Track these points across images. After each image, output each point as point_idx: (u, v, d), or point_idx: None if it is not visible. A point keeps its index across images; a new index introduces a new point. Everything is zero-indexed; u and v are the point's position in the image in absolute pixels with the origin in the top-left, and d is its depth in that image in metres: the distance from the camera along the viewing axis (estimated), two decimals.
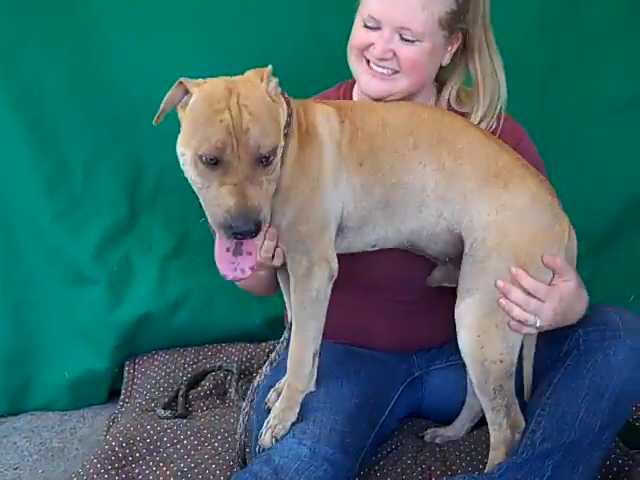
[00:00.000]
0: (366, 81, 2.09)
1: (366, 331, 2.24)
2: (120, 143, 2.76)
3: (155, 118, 1.74)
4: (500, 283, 1.86)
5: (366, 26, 2.03)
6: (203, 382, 2.67)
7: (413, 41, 2.01)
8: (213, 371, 2.73)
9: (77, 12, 2.67)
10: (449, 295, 1.97)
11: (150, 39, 2.70)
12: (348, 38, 2.10)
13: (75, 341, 2.82)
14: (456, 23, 2.05)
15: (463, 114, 2.12)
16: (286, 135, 1.77)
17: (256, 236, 1.65)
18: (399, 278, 2.15)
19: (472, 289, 1.89)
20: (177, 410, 2.48)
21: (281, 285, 2.09)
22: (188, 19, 2.69)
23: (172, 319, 2.85)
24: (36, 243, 2.78)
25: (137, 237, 2.86)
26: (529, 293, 1.87)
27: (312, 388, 1.97)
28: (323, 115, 1.90)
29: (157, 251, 2.86)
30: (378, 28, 2.02)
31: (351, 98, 2.23)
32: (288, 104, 1.82)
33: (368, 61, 2.07)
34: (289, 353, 1.95)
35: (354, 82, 2.23)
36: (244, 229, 1.61)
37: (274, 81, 1.76)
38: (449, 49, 2.11)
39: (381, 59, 2.03)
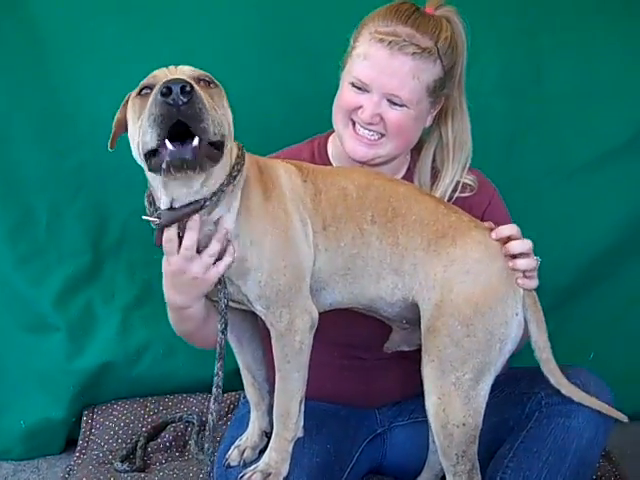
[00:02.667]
0: (352, 146, 2.11)
1: (329, 387, 2.23)
2: (85, 191, 2.76)
3: (109, 142, 1.79)
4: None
5: (354, 87, 2.06)
6: (163, 434, 2.65)
7: (401, 106, 2.04)
8: (173, 422, 2.71)
9: (45, 59, 2.68)
10: (412, 352, 1.97)
11: (118, 89, 2.68)
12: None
13: (33, 389, 2.78)
14: (442, 89, 2.10)
15: (436, 172, 2.17)
16: (235, 177, 1.75)
17: (191, 98, 1.54)
18: (362, 335, 2.15)
19: (426, 350, 1.87)
20: (135, 463, 2.45)
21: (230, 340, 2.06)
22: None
23: (133, 368, 2.82)
24: None
25: (100, 285, 2.84)
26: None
27: (300, 434, 1.96)
28: (285, 170, 1.90)
29: (120, 300, 2.85)
30: (367, 91, 2.04)
31: (326, 153, 2.25)
32: (241, 148, 1.82)
33: (354, 123, 2.09)
34: (274, 405, 1.92)
35: (327, 136, 2.26)
36: (171, 83, 1.53)
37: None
38: (432, 112, 2.15)
39: (369, 123, 2.06)
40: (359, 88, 2.05)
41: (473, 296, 1.84)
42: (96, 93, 2.70)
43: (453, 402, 1.83)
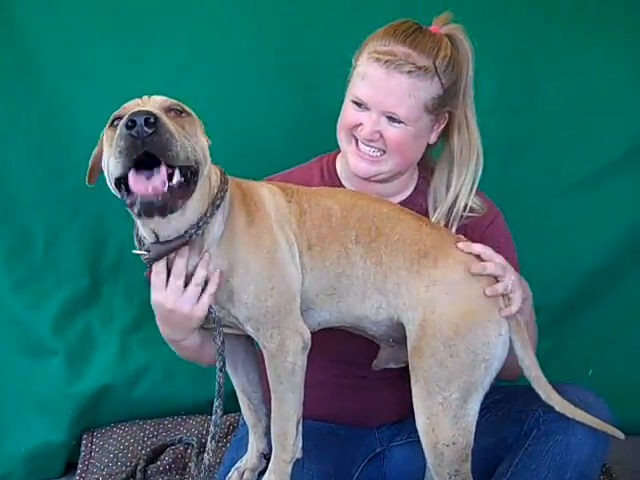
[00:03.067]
0: (355, 162, 2.13)
1: (327, 407, 2.24)
2: (82, 214, 2.78)
3: (87, 178, 1.84)
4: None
5: (355, 104, 2.09)
6: (162, 456, 2.64)
7: (399, 122, 2.06)
8: (173, 444, 2.71)
9: (41, 81, 2.71)
10: (408, 370, 1.96)
11: (114, 111, 2.71)
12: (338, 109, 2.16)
13: (32, 413, 2.77)
14: (442, 106, 2.11)
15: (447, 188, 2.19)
16: (218, 206, 1.78)
17: (155, 130, 1.55)
18: (358, 352, 2.14)
19: (413, 370, 1.88)
20: None
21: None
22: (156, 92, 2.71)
23: (132, 391, 2.83)
24: None
25: (98, 309, 2.86)
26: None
27: (299, 454, 1.95)
28: (269, 191, 1.92)
29: (118, 323, 2.86)
30: (366, 108, 2.07)
31: (335, 170, 2.27)
32: (222, 174, 1.84)
33: (357, 140, 2.12)
34: (272, 427, 1.92)
35: (335, 155, 2.29)
36: (135, 116, 1.54)
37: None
38: (435, 128, 2.16)
39: (369, 140, 2.08)
40: (359, 105, 2.08)
41: (454, 317, 1.84)
42: (92, 115, 2.62)
43: (442, 422, 1.83)
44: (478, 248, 1.93)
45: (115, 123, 1.68)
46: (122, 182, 1.65)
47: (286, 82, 2.77)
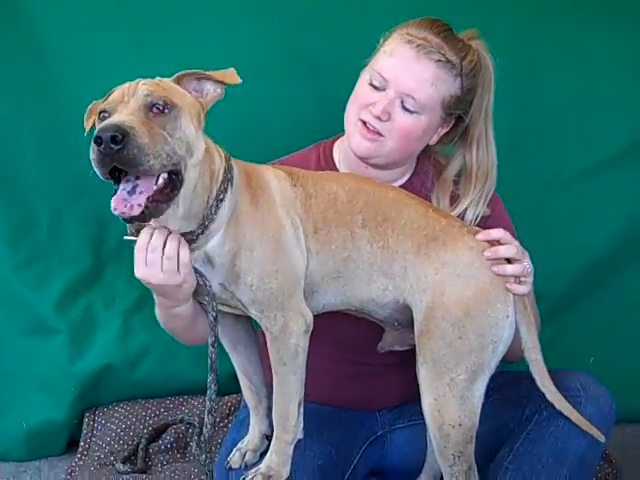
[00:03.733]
0: (357, 141, 2.13)
1: (329, 392, 2.26)
2: (86, 196, 2.77)
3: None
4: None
5: (372, 84, 2.08)
6: (164, 435, 2.66)
7: (412, 112, 2.07)
8: (175, 424, 2.72)
9: (50, 67, 2.71)
10: (411, 355, 1.98)
11: None
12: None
13: (34, 391, 2.79)
14: (455, 108, 2.13)
15: (455, 196, 2.20)
16: (225, 190, 1.79)
17: (122, 147, 1.54)
18: (360, 337, 2.17)
19: (420, 352, 1.89)
20: (137, 464, 2.47)
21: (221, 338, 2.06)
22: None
23: (134, 371, 2.84)
24: None
25: (101, 289, 2.86)
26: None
27: (301, 435, 1.96)
28: (274, 175, 1.92)
29: (120, 303, 2.86)
30: (383, 89, 2.07)
31: (331, 156, 2.27)
32: (227, 159, 1.84)
33: (364, 123, 2.11)
34: (273, 408, 1.94)
35: (333, 142, 2.29)
36: (102, 133, 1.54)
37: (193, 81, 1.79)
38: (439, 130, 2.18)
39: (377, 117, 2.07)
40: (376, 87, 2.08)
41: (464, 299, 1.86)
42: (96, 98, 2.71)
43: (448, 403, 1.85)
44: (497, 233, 1.94)
45: (102, 116, 1.69)
46: None
47: (290, 69, 2.78)
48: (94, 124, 1.76)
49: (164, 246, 1.77)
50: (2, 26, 2.66)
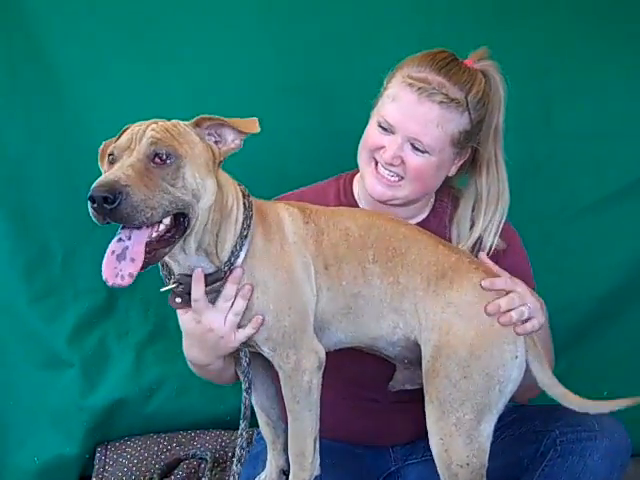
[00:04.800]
0: (372, 184, 2.14)
1: (343, 426, 2.25)
2: (100, 229, 2.70)
3: None
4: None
5: (380, 126, 2.09)
6: (176, 471, 2.65)
7: (423, 152, 2.06)
8: (187, 459, 2.71)
9: (66, 98, 2.73)
10: (422, 392, 1.96)
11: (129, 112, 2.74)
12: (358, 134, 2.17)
13: (47, 425, 2.78)
14: (467, 142, 2.13)
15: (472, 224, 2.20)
16: (246, 236, 1.82)
17: (114, 206, 1.57)
18: (372, 374, 2.16)
19: (427, 391, 1.88)
20: None
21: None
22: (176, 110, 2.72)
23: (146, 405, 2.84)
24: (12, 326, 2.77)
25: (114, 322, 2.86)
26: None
27: (317, 472, 1.95)
28: (288, 213, 1.93)
29: (134, 337, 2.86)
30: (392, 132, 2.07)
31: (351, 190, 2.28)
32: (247, 196, 1.87)
33: (376, 162, 2.12)
34: (289, 446, 1.93)
35: (353, 175, 2.30)
36: (96, 193, 1.56)
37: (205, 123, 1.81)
38: (457, 162, 2.18)
39: (389, 164, 2.08)
40: (384, 129, 2.08)
41: (468, 338, 1.85)
42: (113, 132, 2.72)
43: (455, 443, 1.83)
44: (500, 284, 1.92)
45: (110, 159, 1.72)
46: None
47: (304, 101, 2.79)
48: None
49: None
50: (19, 58, 2.69)
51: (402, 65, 2.12)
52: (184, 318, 1.92)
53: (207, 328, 1.87)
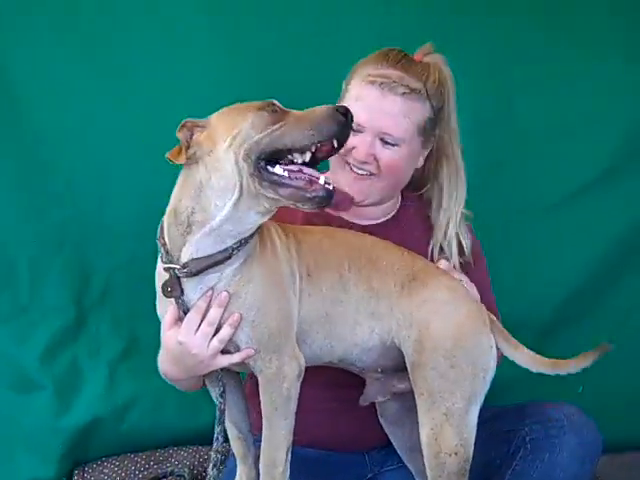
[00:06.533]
0: (348, 185, 2.14)
1: (319, 432, 2.22)
2: (67, 247, 2.74)
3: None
4: None
5: None
6: None
7: (393, 145, 2.10)
8: (165, 477, 2.66)
9: (25, 115, 2.68)
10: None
11: (94, 143, 2.72)
12: None
13: (20, 449, 2.72)
14: (432, 129, 2.17)
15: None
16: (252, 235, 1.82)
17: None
18: (352, 377, 2.13)
19: (415, 384, 1.91)
20: None
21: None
22: (132, 129, 2.72)
23: (122, 423, 2.78)
24: None
25: (85, 341, 2.80)
26: None
27: None
28: (272, 227, 1.94)
29: (106, 354, 2.81)
30: (359, 132, 2.09)
31: None
32: None
33: (349, 163, 2.13)
34: (261, 455, 1.90)
35: None
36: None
37: None
38: (424, 152, 2.21)
39: (363, 162, 2.11)
40: (352, 130, 2.05)
41: (449, 331, 1.91)
42: (74, 148, 2.72)
43: (445, 431, 1.86)
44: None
45: (268, 109, 1.74)
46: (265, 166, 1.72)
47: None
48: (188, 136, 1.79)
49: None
50: None
51: (357, 67, 2.17)
52: (167, 334, 1.88)
53: (188, 351, 1.84)
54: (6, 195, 2.70)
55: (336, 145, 1.72)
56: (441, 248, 2.24)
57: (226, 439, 2.07)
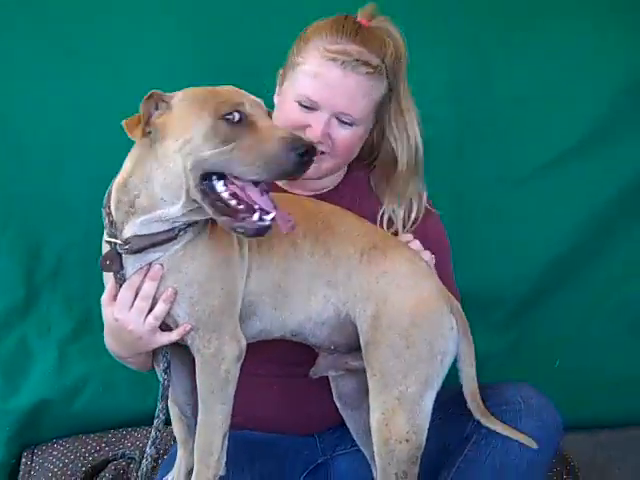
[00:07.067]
0: None
1: (265, 413, 2.14)
2: (14, 224, 2.62)
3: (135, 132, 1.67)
4: None
5: (301, 105, 1.99)
6: (103, 473, 2.51)
7: (350, 124, 2.00)
8: (115, 460, 2.57)
9: None
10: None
11: (49, 115, 2.61)
12: None
13: None
14: (386, 104, 2.07)
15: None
16: None
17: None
18: (297, 349, 2.03)
19: (368, 364, 1.82)
20: None
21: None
22: (88, 98, 2.61)
23: (72, 404, 2.68)
24: None
25: (35, 320, 2.69)
26: None
27: (222, 472, 1.83)
28: None
29: (56, 334, 2.70)
30: (314, 109, 1.98)
31: None
32: None
33: None
34: (195, 441, 1.82)
35: None
36: (307, 142, 1.56)
37: None
38: (371, 127, 2.11)
39: (318, 142, 1.98)
40: (306, 107, 1.99)
41: (407, 308, 1.81)
42: (23, 118, 2.59)
43: (397, 417, 1.77)
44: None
45: (228, 117, 1.60)
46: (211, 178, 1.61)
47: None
48: (150, 109, 1.66)
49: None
50: None
51: (311, 36, 2.02)
52: (106, 311, 1.82)
53: (124, 327, 1.77)
54: None
55: None
56: (390, 220, 2.14)
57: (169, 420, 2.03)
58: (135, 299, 1.74)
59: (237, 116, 1.60)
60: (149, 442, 1.88)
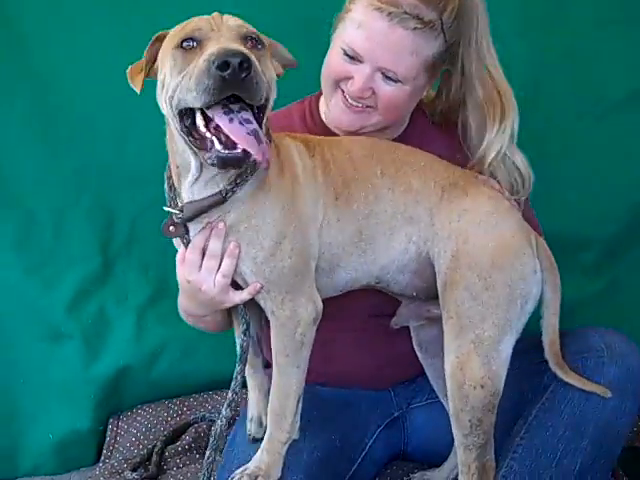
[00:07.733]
0: (338, 114, 1.96)
1: (335, 367, 2.08)
2: (88, 193, 2.62)
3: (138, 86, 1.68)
4: None
5: (346, 54, 1.87)
6: (183, 436, 2.50)
7: (396, 81, 1.86)
8: (196, 423, 2.57)
9: (36, 62, 2.55)
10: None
11: (114, 86, 2.51)
12: None
13: (55, 400, 2.66)
14: (441, 63, 1.91)
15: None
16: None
17: (248, 72, 1.45)
18: (370, 309, 2.01)
19: (444, 306, 1.75)
20: (149, 470, 2.31)
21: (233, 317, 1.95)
22: None
23: (152, 370, 2.71)
24: (7, 300, 2.64)
25: (112, 288, 2.71)
26: None
27: (296, 436, 1.79)
28: (297, 150, 1.78)
29: (133, 301, 2.72)
30: (359, 61, 1.86)
31: (318, 113, 2.09)
32: (270, 137, 1.71)
33: (343, 90, 1.92)
34: (269, 403, 1.79)
35: (318, 96, 2.09)
36: (231, 58, 1.43)
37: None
38: (430, 85, 1.98)
39: (359, 97, 1.89)
40: (351, 57, 1.87)
41: (488, 248, 1.73)
42: (87, 92, 2.57)
43: (471, 361, 1.69)
44: None
45: (185, 45, 1.54)
46: (189, 114, 1.56)
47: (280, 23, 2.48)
48: (155, 54, 1.65)
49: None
50: None
51: None
52: (179, 271, 1.79)
53: (197, 288, 1.75)
54: (22, 145, 2.58)
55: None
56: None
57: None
58: (203, 259, 1.71)
59: (192, 43, 1.53)
60: (225, 404, 1.85)
